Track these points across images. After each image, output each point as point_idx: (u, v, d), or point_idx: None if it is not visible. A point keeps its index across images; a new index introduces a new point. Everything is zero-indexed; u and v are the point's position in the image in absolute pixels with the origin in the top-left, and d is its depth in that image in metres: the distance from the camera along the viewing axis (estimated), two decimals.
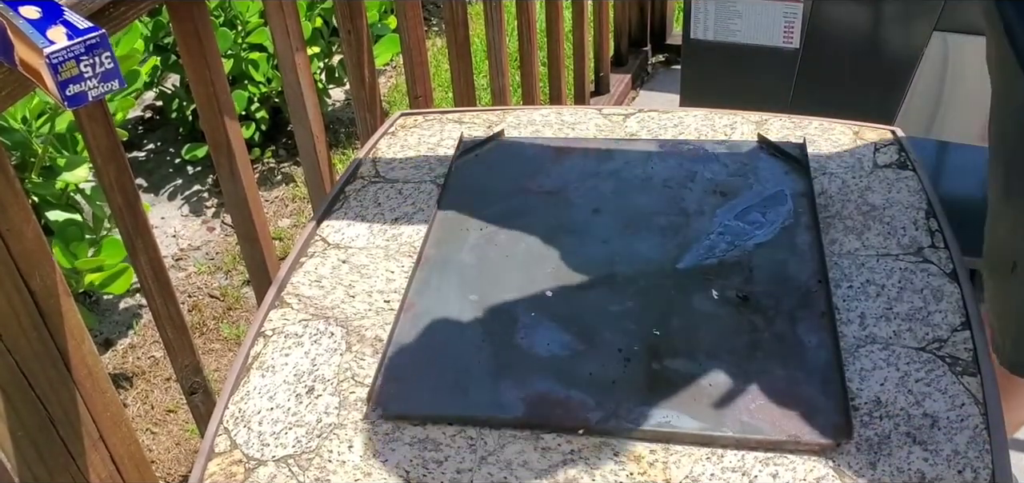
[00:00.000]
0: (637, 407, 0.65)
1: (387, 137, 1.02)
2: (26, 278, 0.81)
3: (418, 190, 0.92)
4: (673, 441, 0.63)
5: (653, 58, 2.89)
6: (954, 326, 0.70)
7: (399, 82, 2.93)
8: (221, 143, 1.13)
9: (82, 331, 0.89)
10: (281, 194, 2.42)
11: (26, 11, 0.63)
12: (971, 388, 0.65)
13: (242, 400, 0.70)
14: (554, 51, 2.08)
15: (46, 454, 0.87)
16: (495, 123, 1.02)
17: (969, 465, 0.60)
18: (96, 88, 0.63)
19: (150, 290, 1.08)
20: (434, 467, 0.63)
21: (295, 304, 0.79)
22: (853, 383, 0.66)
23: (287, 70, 1.25)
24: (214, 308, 2.05)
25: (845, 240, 0.80)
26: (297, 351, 0.74)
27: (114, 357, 1.92)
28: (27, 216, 0.80)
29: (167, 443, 1.75)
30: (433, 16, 3.37)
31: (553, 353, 0.70)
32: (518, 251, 0.81)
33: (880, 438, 0.62)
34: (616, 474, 0.62)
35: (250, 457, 0.66)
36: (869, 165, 0.89)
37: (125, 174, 0.99)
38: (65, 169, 1.60)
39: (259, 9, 2.25)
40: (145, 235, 1.04)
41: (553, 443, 0.64)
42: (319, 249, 0.86)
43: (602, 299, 0.75)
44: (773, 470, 0.61)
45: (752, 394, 0.65)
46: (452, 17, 1.53)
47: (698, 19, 1.82)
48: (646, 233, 0.82)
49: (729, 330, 0.71)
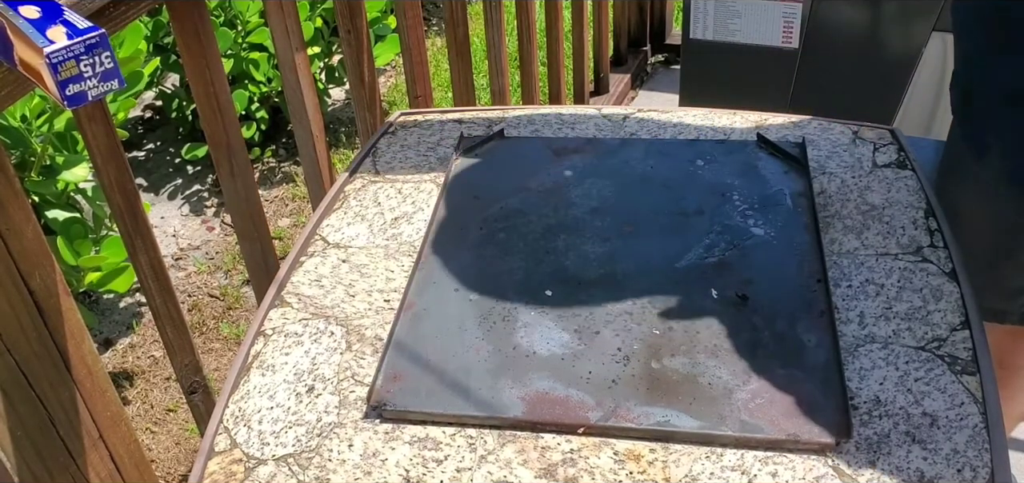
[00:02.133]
0: (637, 406, 0.65)
1: (387, 137, 1.02)
2: (26, 278, 0.81)
3: (418, 189, 0.92)
4: (672, 440, 0.63)
5: (652, 58, 2.89)
6: (953, 325, 0.70)
7: (399, 82, 2.93)
8: (221, 143, 1.13)
9: (82, 331, 0.89)
10: (281, 194, 2.42)
11: (26, 11, 0.63)
12: (970, 387, 0.65)
13: (242, 399, 0.70)
14: (554, 51, 2.08)
15: (46, 454, 0.87)
16: (495, 123, 1.02)
17: (968, 464, 0.60)
18: (96, 88, 0.63)
19: (150, 290, 1.08)
20: (434, 466, 0.63)
21: (295, 303, 0.79)
22: (852, 382, 0.66)
23: (287, 70, 1.25)
24: (214, 308, 2.05)
25: (844, 240, 0.80)
26: (297, 350, 0.74)
27: (114, 357, 1.92)
28: (27, 216, 0.80)
29: (167, 443, 1.75)
30: (433, 16, 3.37)
31: (553, 352, 0.70)
32: (518, 251, 0.81)
33: (879, 437, 0.62)
34: (616, 473, 0.62)
35: (250, 456, 0.66)
36: (868, 165, 0.89)
37: (125, 174, 0.99)
38: (64, 168, 1.60)
39: (259, 9, 2.25)
40: (145, 235, 1.04)
41: (552, 442, 0.64)
42: (319, 248, 0.86)
43: (602, 298, 0.75)
44: (772, 469, 0.61)
45: (751, 393, 0.65)
46: (452, 17, 1.54)
47: (698, 19, 1.82)
48: (646, 233, 0.82)
49: (728, 329, 0.71)
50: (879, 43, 1.64)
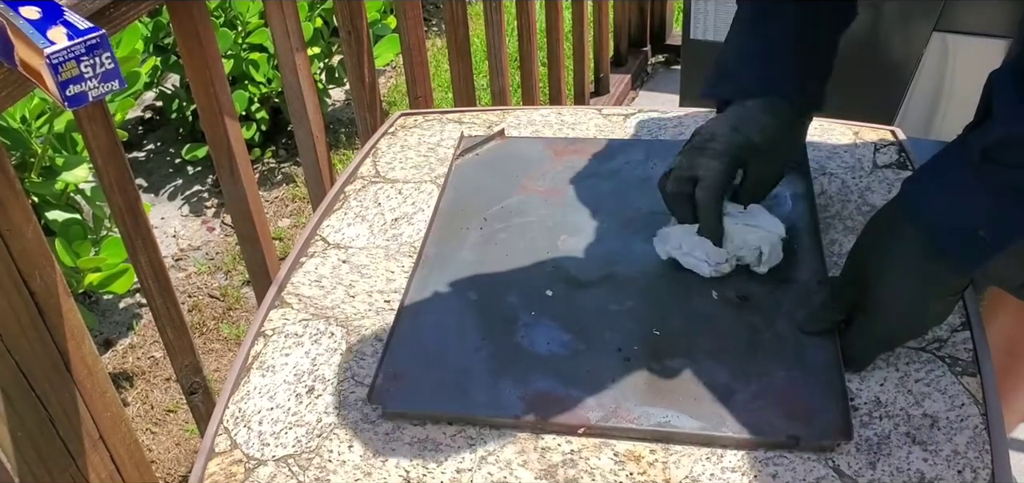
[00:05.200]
0: (637, 407, 0.65)
1: (387, 137, 1.02)
2: (26, 278, 0.81)
3: (418, 190, 0.92)
4: (673, 441, 0.63)
5: (653, 58, 2.89)
6: (954, 326, 0.70)
7: (399, 82, 2.93)
8: (221, 143, 1.13)
9: (82, 331, 0.89)
10: (281, 194, 2.42)
11: (26, 11, 0.63)
12: (971, 388, 0.65)
13: (242, 400, 0.70)
14: (554, 51, 2.08)
15: (46, 454, 0.87)
16: (495, 123, 1.02)
17: (969, 465, 0.60)
18: (96, 88, 0.63)
19: (150, 290, 1.08)
20: (434, 467, 0.63)
21: (295, 304, 0.79)
22: (853, 383, 0.66)
23: (287, 70, 1.25)
24: (214, 308, 2.05)
25: (845, 240, 0.80)
26: (297, 351, 0.74)
27: (114, 357, 1.92)
28: (27, 216, 0.80)
29: (167, 443, 1.75)
30: (433, 16, 3.37)
31: (553, 352, 0.70)
32: (518, 250, 0.81)
33: (880, 438, 0.62)
34: (616, 474, 0.62)
35: (250, 457, 0.66)
36: (869, 165, 0.89)
37: (125, 174, 0.99)
38: (64, 169, 1.60)
39: (259, 9, 2.25)
40: (145, 235, 1.04)
41: (553, 443, 0.64)
42: (319, 249, 0.86)
43: (602, 299, 0.75)
44: (773, 470, 0.61)
45: (752, 394, 0.65)
46: (452, 17, 1.54)
47: (698, 19, 1.82)
48: (646, 233, 0.82)
49: (729, 330, 0.71)
50: (880, 43, 1.64)
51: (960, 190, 0.59)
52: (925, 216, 0.61)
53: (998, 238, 0.57)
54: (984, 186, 0.57)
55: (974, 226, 0.58)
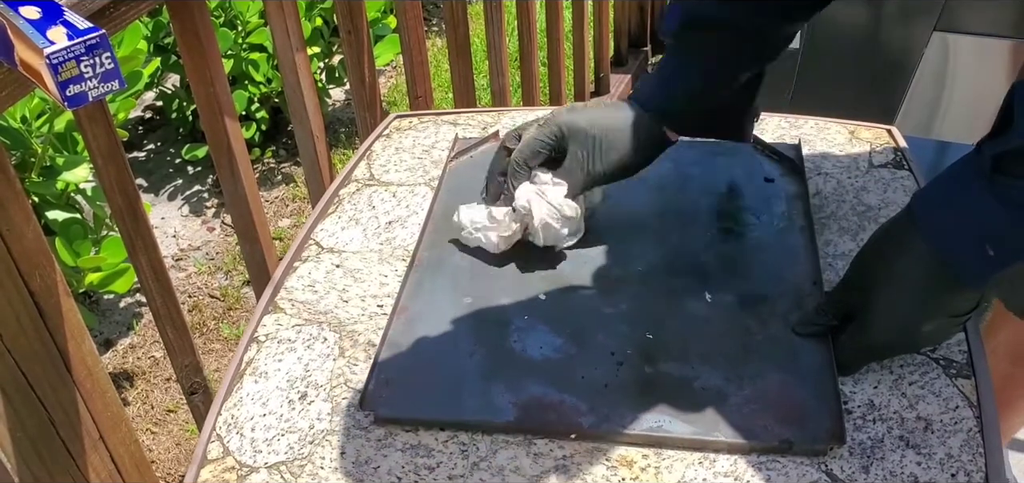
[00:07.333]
0: (630, 411, 0.65)
1: (381, 139, 1.02)
2: (26, 278, 0.81)
3: (412, 193, 0.92)
4: (665, 446, 0.63)
5: (653, 58, 2.89)
6: None
7: (399, 82, 2.93)
8: (221, 143, 1.13)
9: (82, 331, 0.89)
10: (281, 194, 2.42)
11: (26, 11, 0.63)
12: (965, 391, 0.65)
13: (235, 406, 0.71)
14: (554, 51, 2.07)
15: (46, 454, 0.88)
16: (490, 124, 1.02)
17: (962, 468, 0.60)
18: (96, 88, 0.63)
19: (150, 290, 1.08)
20: (426, 473, 0.63)
21: (289, 309, 0.79)
22: (846, 386, 0.66)
23: (287, 70, 1.25)
24: (214, 308, 2.05)
25: (840, 241, 0.80)
26: (290, 356, 0.74)
27: (114, 357, 1.93)
28: (27, 216, 0.80)
29: (167, 443, 1.75)
30: (433, 16, 3.37)
31: (546, 356, 0.70)
32: (511, 254, 0.81)
33: (873, 442, 0.62)
34: (608, 479, 0.62)
35: (243, 464, 0.66)
36: (864, 165, 0.89)
37: (125, 174, 0.99)
38: (65, 169, 1.61)
39: (259, 9, 2.25)
40: (145, 235, 1.04)
41: (545, 449, 0.64)
42: (313, 253, 0.86)
43: (595, 302, 0.75)
44: (766, 475, 0.61)
45: (745, 398, 0.65)
46: (452, 17, 1.53)
47: None
48: (640, 235, 0.82)
49: (722, 333, 0.71)
50: (880, 43, 1.64)
51: (969, 205, 0.58)
52: (932, 229, 0.60)
53: (1005, 255, 0.57)
54: (994, 200, 0.56)
55: (981, 242, 0.57)
